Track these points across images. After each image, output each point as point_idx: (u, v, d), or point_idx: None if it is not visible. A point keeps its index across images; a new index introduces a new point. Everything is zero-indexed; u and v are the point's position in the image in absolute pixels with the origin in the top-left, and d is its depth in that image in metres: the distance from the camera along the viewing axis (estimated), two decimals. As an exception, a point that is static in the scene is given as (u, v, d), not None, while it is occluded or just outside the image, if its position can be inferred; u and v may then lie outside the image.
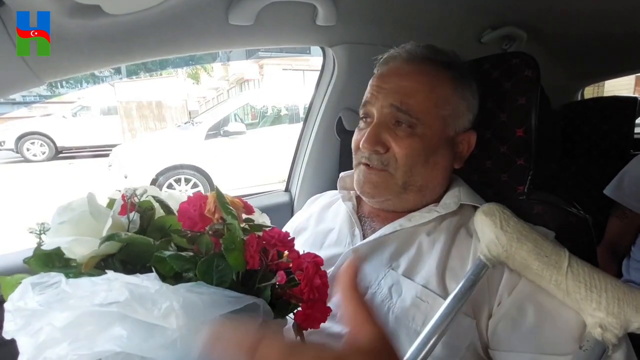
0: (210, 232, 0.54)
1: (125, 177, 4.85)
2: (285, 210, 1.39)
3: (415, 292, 0.66)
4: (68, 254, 0.51)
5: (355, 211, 0.86)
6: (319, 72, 1.34)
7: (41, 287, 0.46)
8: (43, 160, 9.55)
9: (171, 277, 0.49)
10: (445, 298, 0.60)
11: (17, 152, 9.51)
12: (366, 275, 0.72)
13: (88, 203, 0.53)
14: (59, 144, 9.82)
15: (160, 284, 0.45)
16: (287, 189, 1.46)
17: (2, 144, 9.50)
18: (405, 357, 0.52)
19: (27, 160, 9.45)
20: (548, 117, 1.62)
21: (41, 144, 9.68)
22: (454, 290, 0.58)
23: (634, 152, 1.70)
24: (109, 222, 0.51)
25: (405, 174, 0.74)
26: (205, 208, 0.56)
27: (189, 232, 0.54)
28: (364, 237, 0.79)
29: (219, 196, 0.56)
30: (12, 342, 0.46)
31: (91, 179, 7.34)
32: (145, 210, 0.56)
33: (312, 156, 1.33)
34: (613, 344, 0.50)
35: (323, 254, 0.68)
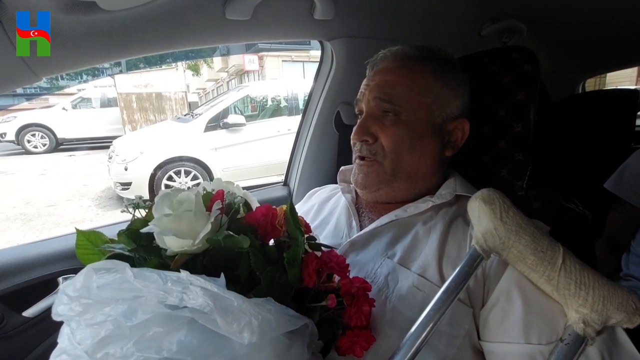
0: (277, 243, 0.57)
1: (126, 169, 4.85)
2: (284, 204, 1.38)
3: (412, 281, 0.66)
4: (160, 243, 0.52)
5: (354, 203, 0.87)
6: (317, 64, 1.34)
7: (103, 273, 0.45)
8: (44, 152, 9.57)
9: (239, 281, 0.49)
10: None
11: (18, 144, 9.53)
12: (363, 265, 0.73)
13: (195, 203, 0.55)
14: (59, 136, 9.84)
15: (242, 298, 0.44)
16: (285, 183, 1.46)
17: (3, 136, 9.51)
18: (398, 349, 0.53)
19: (28, 152, 9.46)
20: (547, 111, 1.61)
21: (42, 135, 9.70)
22: (447, 281, 0.57)
23: (635, 145, 1.69)
24: (208, 227, 0.52)
25: (392, 161, 0.77)
26: (275, 219, 0.59)
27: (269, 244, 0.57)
28: (361, 228, 0.81)
29: (292, 211, 0.59)
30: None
31: (91, 170, 7.35)
32: (232, 213, 0.58)
33: (310, 150, 1.33)
34: (591, 337, 0.51)
35: None
